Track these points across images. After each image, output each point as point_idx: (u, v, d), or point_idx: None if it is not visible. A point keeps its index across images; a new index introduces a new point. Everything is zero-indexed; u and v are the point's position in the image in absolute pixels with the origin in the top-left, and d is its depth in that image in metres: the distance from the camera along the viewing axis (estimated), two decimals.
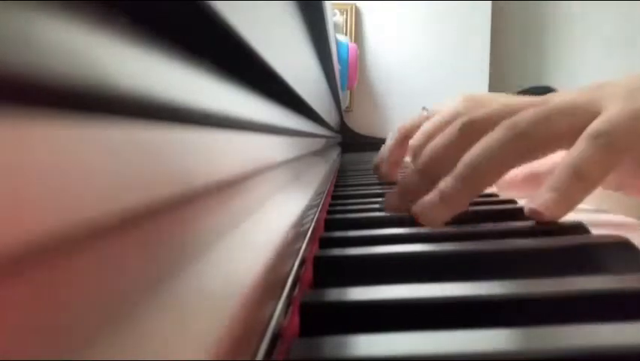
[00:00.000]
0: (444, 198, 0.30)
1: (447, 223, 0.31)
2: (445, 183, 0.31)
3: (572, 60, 2.30)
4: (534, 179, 0.38)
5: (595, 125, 0.29)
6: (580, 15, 2.27)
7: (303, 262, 0.24)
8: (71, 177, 0.08)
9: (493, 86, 2.02)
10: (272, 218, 0.22)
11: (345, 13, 1.95)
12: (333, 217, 0.37)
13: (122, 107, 0.10)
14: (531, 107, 0.32)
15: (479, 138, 0.31)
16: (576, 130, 0.30)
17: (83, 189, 0.08)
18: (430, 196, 0.31)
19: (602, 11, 2.24)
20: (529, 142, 0.30)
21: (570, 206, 0.30)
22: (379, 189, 0.55)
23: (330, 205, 0.44)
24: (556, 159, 0.32)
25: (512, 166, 0.31)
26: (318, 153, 0.73)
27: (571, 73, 2.29)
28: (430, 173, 0.33)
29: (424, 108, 0.62)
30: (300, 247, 0.25)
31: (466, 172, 0.30)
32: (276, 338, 0.16)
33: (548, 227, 0.29)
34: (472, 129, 0.32)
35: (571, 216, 0.31)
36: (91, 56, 0.09)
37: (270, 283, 0.17)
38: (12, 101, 0.07)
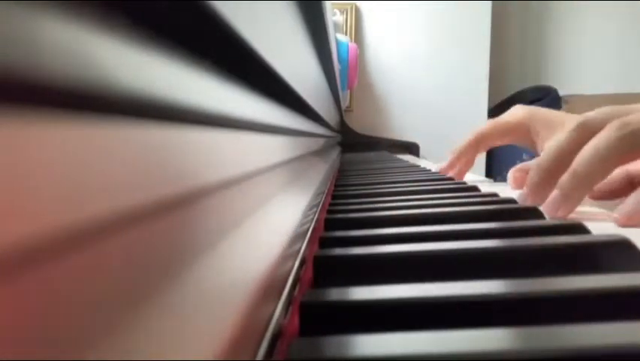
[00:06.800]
0: (564, 194, 0.36)
1: (446, 223, 0.31)
2: (563, 181, 0.36)
3: (572, 60, 2.30)
4: (629, 183, 0.43)
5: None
6: (580, 15, 2.27)
7: (303, 262, 0.24)
8: (71, 177, 0.08)
9: (493, 86, 2.01)
10: (272, 218, 0.22)
11: (345, 13, 1.95)
12: (333, 217, 0.37)
13: (122, 107, 0.10)
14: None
15: (591, 137, 0.36)
16: None
17: (83, 189, 0.08)
18: (554, 194, 0.37)
19: (602, 11, 2.24)
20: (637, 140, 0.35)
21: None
22: (379, 189, 0.55)
23: (330, 205, 0.44)
24: None
25: (621, 163, 0.36)
26: (318, 153, 0.73)
27: (571, 73, 2.29)
28: (552, 170, 0.39)
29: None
30: (300, 247, 0.25)
31: (581, 170, 0.35)
32: (276, 337, 0.16)
33: (548, 226, 0.29)
34: (585, 129, 0.37)
35: (572, 216, 0.31)
36: (91, 56, 0.09)
37: (270, 284, 0.17)
38: (12, 101, 0.07)
